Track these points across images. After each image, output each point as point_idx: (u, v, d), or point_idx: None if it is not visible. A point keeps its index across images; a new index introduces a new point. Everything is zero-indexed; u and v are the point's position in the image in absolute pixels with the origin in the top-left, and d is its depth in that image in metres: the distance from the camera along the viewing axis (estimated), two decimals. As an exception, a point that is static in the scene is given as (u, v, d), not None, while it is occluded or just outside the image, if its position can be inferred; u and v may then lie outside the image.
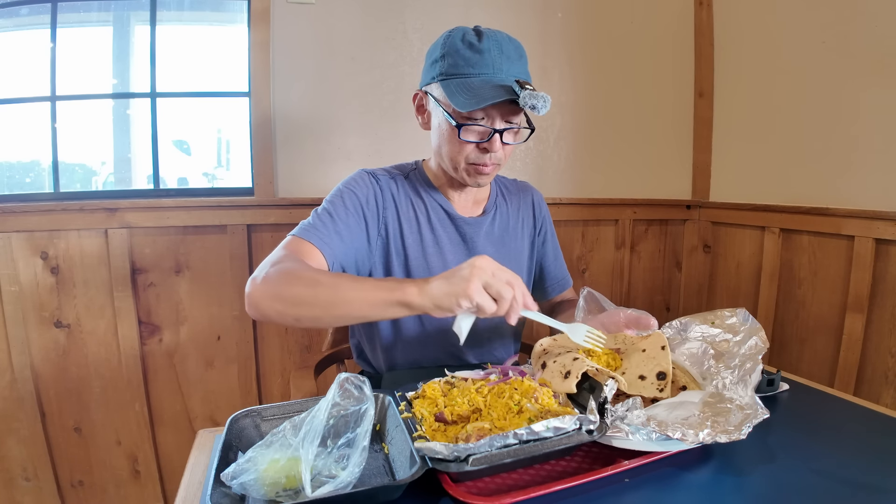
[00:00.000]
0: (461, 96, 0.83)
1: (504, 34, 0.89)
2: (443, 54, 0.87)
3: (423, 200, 1.00)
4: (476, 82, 0.84)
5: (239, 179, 1.75)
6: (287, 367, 1.70)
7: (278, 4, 1.59)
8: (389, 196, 0.96)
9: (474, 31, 0.88)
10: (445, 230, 1.00)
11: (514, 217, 1.08)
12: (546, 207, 1.15)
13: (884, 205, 1.41)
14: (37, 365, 1.50)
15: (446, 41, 0.88)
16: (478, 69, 0.84)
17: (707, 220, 1.99)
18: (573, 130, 1.90)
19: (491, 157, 0.89)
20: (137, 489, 1.62)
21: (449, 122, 0.87)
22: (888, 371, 1.41)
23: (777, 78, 1.72)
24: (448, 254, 0.99)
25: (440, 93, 0.87)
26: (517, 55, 0.88)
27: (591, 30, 1.88)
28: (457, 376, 0.77)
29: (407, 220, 0.98)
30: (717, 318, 0.85)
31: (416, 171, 1.03)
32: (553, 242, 1.15)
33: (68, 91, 1.57)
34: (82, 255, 1.49)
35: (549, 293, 1.14)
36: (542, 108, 0.79)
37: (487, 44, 0.85)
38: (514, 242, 1.06)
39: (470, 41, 0.85)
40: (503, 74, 0.85)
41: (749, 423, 0.60)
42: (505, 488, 0.59)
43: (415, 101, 0.97)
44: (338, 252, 0.86)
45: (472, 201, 1.04)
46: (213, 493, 0.53)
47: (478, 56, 0.84)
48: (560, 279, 1.14)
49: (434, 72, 0.89)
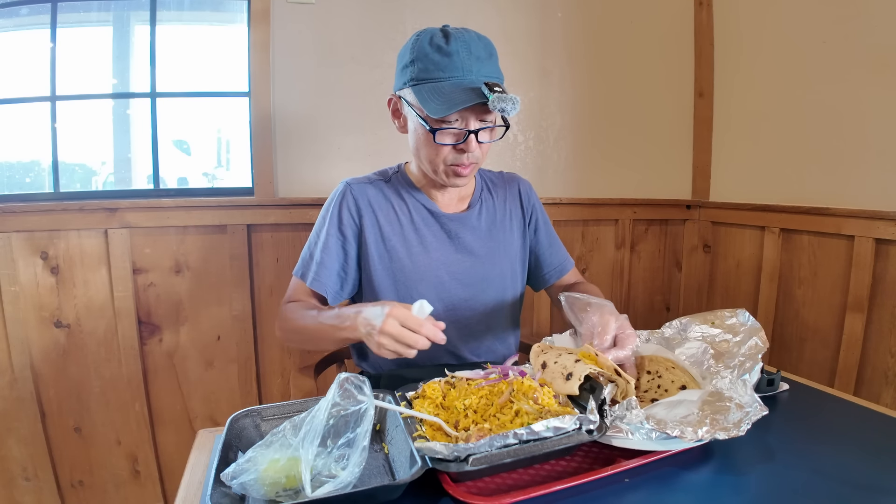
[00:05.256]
0: (433, 102, 0.83)
1: (473, 33, 0.89)
2: (412, 59, 0.88)
3: (405, 202, 1.01)
4: (447, 86, 0.84)
5: (239, 179, 1.75)
6: (287, 367, 1.70)
7: (278, 4, 1.59)
8: (366, 203, 0.99)
9: (442, 32, 0.88)
10: (430, 229, 1.01)
11: (500, 209, 1.08)
12: (535, 196, 1.14)
13: (884, 205, 1.41)
14: (37, 365, 1.50)
15: (415, 45, 0.88)
16: (447, 73, 0.85)
17: (707, 220, 1.99)
18: (573, 130, 1.90)
19: (468, 157, 0.90)
20: (137, 489, 1.62)
21: (424, 127, 0.88)
22: (888, 371, 1.41)
23: (777, 78, 1.72)
24: (434, 251, 1.00)
25: (413, 98, 0.88)
26: (486, 54, 0.88)
27: (591, 30, 1.88)
28: (457, 376, 0.77)
29: (389, 224, 0.99)
30: (718, 318, 0.85)
31: (398, 174, 1.05)
32: (546, 230, 1.14)
33: (68, 91, 1.57)
34: (82, 255, 1.49)
35: (547, 280, 1.13)
36: (512, 110, 0.80)
37: (455, 46, 0.85)
38: (503, 235, 1.06)
39: (438, 44, 0.86)
40: (473, 76, 0.85)
41: (748, 421, 0.60)
42: (505, 488, 0.59)
43: (390, 106, 0.98)
44: (330, 283, 0.97)
45: (457, 198, 1.05)
46: (213, 493, 0.53)
47: (447, 59, 0.85)
48: (557, 266, 1.13)
49: (405, 77, 0.89)
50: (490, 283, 1.03)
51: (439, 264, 1.00)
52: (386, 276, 0.98)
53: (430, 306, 0.74)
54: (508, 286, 1.06)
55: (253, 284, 1.63)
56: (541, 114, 1.86)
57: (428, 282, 0.99)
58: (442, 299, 0.99)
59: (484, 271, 1.02)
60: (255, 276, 1.63)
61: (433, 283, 0.99)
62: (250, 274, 1.62)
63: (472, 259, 1.02)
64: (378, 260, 0.98)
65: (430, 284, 0.99)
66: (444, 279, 1.00)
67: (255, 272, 1.63)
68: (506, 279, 1.06)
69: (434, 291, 0.99)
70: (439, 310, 0.99)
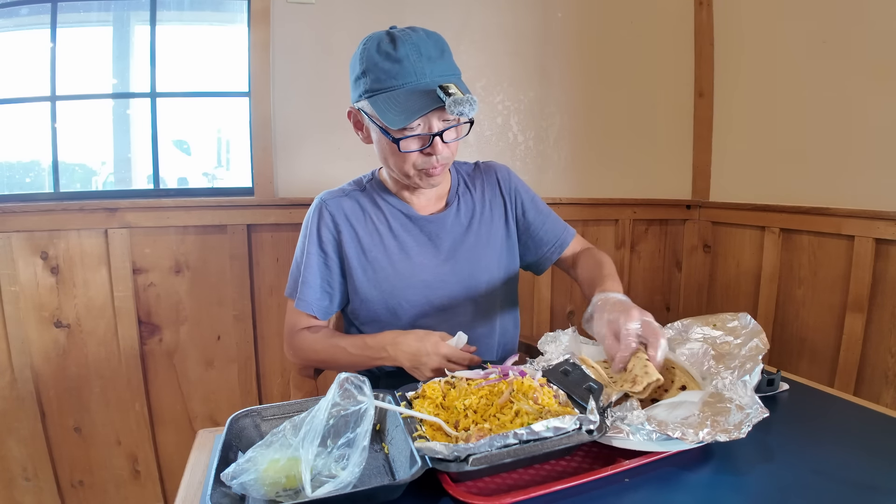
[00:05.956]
0: (390, 112, 0.82)
1: (421, 32, 0.87)
2: (363, 70, 0.86)
3: (382, 210, 1.01)
4: (402, 94, 0.83)
5: (239, 179, 1.75)
6: (287, 367, 1.70)
7: (278, 4, 1.59)
8: (342, 218, 0.99)
9: (389, 37, 0.85)
10: (409, 233, 1.00)
11: (480, 201, 1.06)
12: (515, 178, 1.11)
13: (884, 205, 1.41)
14: (37, 365, 1.50)
15: (363, 55, 0.86)
16: (400, 80, 0.83)
17: (707, 220, 1.99)
18: (573, 130, 1.90)
19: (437, 159, 0.89)
20: (137, 489, 1.62)
21: (387, 137, 0.87)
22: (888, 371, 1.41)
23: (777, 78, 1.72)
24: (415, 256, 1.00)
25: (371, 109, 0.87)
26: (438, 52, 0.86)
27: (591, 30, 1.88)
28: (457, 376, 0.77)
29: (368, 234, 0.99)
30: (719, 320, 0.84)
31: (372, 182, 1.04)
32: (535, 208, 1.10)
33: (68, 91, 1.57)
34: (82, 255, 1.49)
35: (551, 258, 1.10)
36: (470, 111, 0.79)
37: (404, 50, 0.83)
38: (484, 227, 1.05)
39: (386, 51, 0.84)
40: (427, 78, 0.83)
41: (749, 423, 0.60)
42: (505, 488, 0.59)
43: (350, 119, 0.96)
44: (320, 304, 0.99)
45: (434, 197, 1.04)
46: (213, 493, 0.53)
47: (397, 66, 0.83)
48: (556, 241, 1.09)
49: (360, 89, 0.88)
50: (477, 279, 1.02)
51: (423, 268, 0.99)
52: (371, 287, 0.98)
53: (466, 336, 0.88)
54: (496, 277, 1.05)
55: (253, 284, 1.63)
56: (541, 114, 1.86)
57: (414, 287, 0.98)
58: (431, 301, 0.99)
59: (469, 268, 1.02)
60: (255, 276, 1.63)
61: (420, 288, 0.99)
62: (250, 274, 1.62)
63: (455, 258, 1.01)
64: (362, 272, 0.98)
65: (417, 289, 0.98)
66: (430, 282, 0.99)
67: (255, 272, 1.63)
68: (492, 271, 1.04)
69: (422, 295, 0.99)
70: (430, 312, 0.99)
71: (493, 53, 1.79)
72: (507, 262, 1.08)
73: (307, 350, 0.98)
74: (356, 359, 0.93)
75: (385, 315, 0.99)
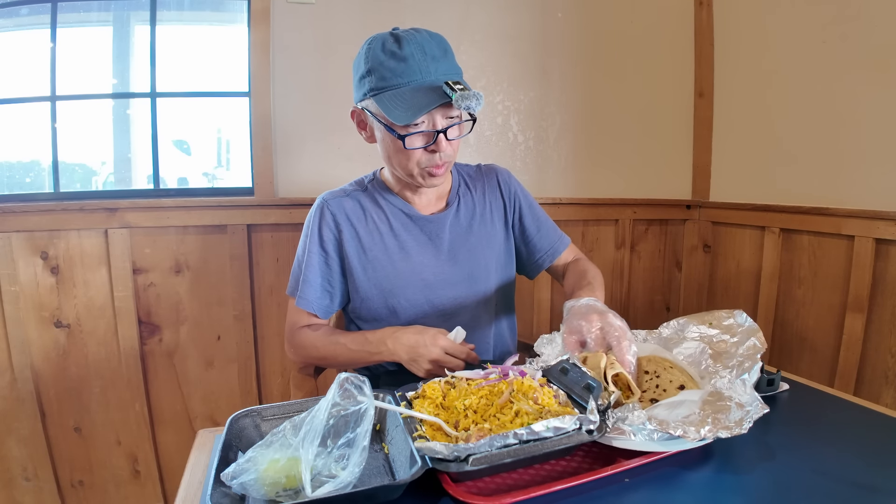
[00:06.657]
0: (397, 109, 0.83)
1: (424, 32, 0.88)
2: (368, 69, 0.87)
3: (383, 209, 1.02)
4: (407, 91, 0.84)
5: (239, 179, 1.75)
6: (287, 367, 1.70)
7: (278, 4, 1.59)
8: (343, 218, 1.00)
9: (393, 37, 0.87)
10: (410, 233, 1.01)
11: (480, 203, 1.07)
12: (515, 183, 1.12)
13: (884, 205, 1.41)
14: (37, 365, 1.50)
15: (368, 55, 0.87)
16: (406, 77, 0.85)
17: (707, 220, 1.99)
18: (573, 130, 1.90)
19: (441, 157, 0.90)
20: (137, 489, 1.62)
21: (392, 135, 0.88)
22: (888, 371, 1.41)
23: (777, 78, 1.72)
24: (415, 255, 1.00)
25: (376, 108, 0.87)
26: (441, 52, 0.88)
27: (591, 30, 1.88)
28: (457, 376, 0.77)
29: (369, 234, 1.00)
30: (715, 318, 0.85)
31: (374, 182, 1.05)
32: (532, 214, 1.11)
33: (68, 91, 1.57)
34: (82, 255, 1.49)
35: (541, 265, 1.12)
36: (477, 105, 0.80)
37: (409, 49, 0.85)
38: (484, 229, 1.06)
39: (391, 50, 0.85)
40: (432, 76, 0.85)
41: (749, 419, 0.60)
42: (505, 488, 0.59)
43: (353, 119, 0.97)
44: (320, 302, 1.00)
45: (435, 197, 1.05)
46: (213, 493, 0.53)
47: (403, 65, 0.84)
48: (549, 249, 1.11)
49: (364, 88, 0.89)
50: (476, 280, 1.03)
51: (423, 268, 1.00)
52: (371, 285, 0.99)
53: (464, 331, 0.89)
54: (494, 278, 1.06)
55: (253, 284, 1.63)
56: (541, 114, 1.86)
57: (414, 286, 0.99)
58: (430, 301, 1.00)
59: (469, 269, 1.02)
60: (255, 276, 1.63)
61: (419, 287, 0.99)
62: (250, 274, 1.62)
63: (454, 258, 1.02)
64: (362, 271, 0.99)
65: (417, 289, 0.99)
66: (429, 281, 1.00)
67: (255, 272, 1.63)
68: (490, 272, 1.05)
69: (421, 295, 0.99)
70: (430, 311, 1.00)
71: (493, 53, 1.79)
72: (506, 264, 1.09)
73: (308, 347, 0.99)
74: (356, 355, 0.94)
75: (385, 314, 0.99)
